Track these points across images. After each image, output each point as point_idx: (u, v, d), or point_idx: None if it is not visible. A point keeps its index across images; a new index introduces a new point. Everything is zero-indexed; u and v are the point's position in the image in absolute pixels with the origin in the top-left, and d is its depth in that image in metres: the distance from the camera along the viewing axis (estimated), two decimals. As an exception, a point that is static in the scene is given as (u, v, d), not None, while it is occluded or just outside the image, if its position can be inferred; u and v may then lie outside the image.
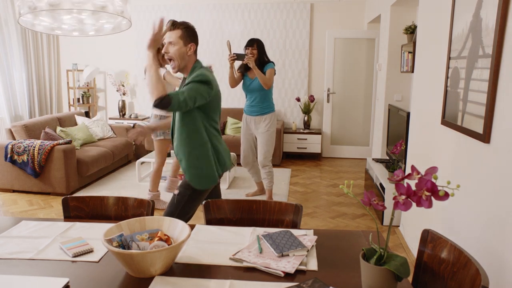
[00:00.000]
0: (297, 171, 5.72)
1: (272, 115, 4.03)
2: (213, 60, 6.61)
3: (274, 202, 1.97)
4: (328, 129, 6.51)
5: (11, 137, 4.74)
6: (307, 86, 6.52)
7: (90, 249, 1.57)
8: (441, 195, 1.12)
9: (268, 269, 1.42)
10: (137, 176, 4.92)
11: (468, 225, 2.17)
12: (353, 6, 6.27)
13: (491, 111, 1.92)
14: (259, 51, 3.90)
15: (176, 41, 2.15)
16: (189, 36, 2.18)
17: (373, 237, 1.81)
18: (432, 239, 1.50)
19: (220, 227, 1.80)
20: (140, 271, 1.36)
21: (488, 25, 1.97)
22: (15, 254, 1.53)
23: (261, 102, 3.98)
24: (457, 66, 2.37)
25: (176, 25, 2.16)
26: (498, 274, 1.83)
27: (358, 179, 5.38)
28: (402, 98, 4.75)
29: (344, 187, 1.23)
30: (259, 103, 3.98)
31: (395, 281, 1.21)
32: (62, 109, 7.11)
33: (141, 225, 1.56)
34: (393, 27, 4.63)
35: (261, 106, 3.99)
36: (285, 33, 6.39)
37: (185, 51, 2.17)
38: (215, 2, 6.46)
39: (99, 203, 2.03)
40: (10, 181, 4.55)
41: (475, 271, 1.26)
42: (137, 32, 6.67)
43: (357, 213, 4.10)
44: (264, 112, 4.00)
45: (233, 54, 3.80)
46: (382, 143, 4.94)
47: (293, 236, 1.65)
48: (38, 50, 6.46)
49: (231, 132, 6.16)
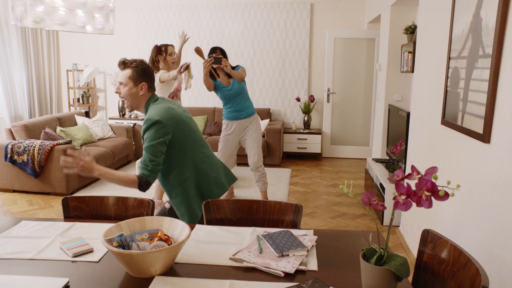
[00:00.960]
0: (297, 171, 5.72)
1: (254, 117, 3.99)
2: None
3: (274, 202, 1.97)
4: (328, 129, 6.51)
5: (11, 137, 4.74)
6: (307, 86, 6.52)
7: (90, 249, 1.57)
8: (441, 195, 1.12)
9: (268, 269, 1.42)
10: (137, 176, 4.92)
11: (468, 225, 2.17)
12: (353, 6, 6.28)
13: (491, 111, 1.92)
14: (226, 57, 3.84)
15: (126, 82, 2.09)
16: (139, 76, 2.10)
17: (373, 237, 1.81)
18: (432, 239, 1.50)
19: (220, 227, 1.80)
20: (140, 271, 1.36)
21: (488, 25, 1.97)
22: (15, 254, 1.53)
23: (245, 104, 3.92)
24: (457, 66, 2.37)
25: (126, 65, 2.11)
26: (498, 274, 1.83)
27: (358, 179, 5.38)
28: (402, 98, 4.75)
29: (344, 187, 1.23)
30: (244, 106, 3.92)
31: (395, 281, 1.21)
32: (62, 109, 7.11)
33: (141, 225, 1.56)
34: (393, 27, 4.63)
35: (247, 107, 3.94)
36: (285, 33, 6.39)
37: (135, 92, 2.10)
38: (215, 2, 6.46)
39: (99, 203, 2.03)
40: (10, 181, 4.55)
41: (475, 271, 1.26)
42: (137, 32, 6.67)
43: (357, 213, 4.10)
44: (251, 113, 3.96)
45: (211, 57, 3.62)
46: (382, 143, 4.94)
47: (293, 236, 1.65)
48: (38, 50, 6.46)
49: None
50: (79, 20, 2.32)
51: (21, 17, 2.23)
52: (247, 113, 3.93)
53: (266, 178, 4.10)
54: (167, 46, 3.91)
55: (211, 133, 6.17)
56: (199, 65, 6.43)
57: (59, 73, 6.98)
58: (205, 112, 6.41)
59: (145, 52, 6.70)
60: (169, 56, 3.90)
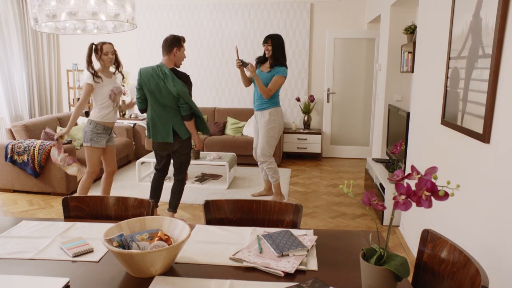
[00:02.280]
0: (297, 171, 5.72)
1: (272, 111, 3.99)
2: (213, 60, 6.62)
3: (274, 202, 1.97)
4: (328, 129, 6.51)
5: (11, 137, 4.75)
6: (307, 86, 6.52)
7: (90, 249, 1.57)
8: (441, 195, 1.12)
9: (268, 269, 1.42)
10: (137, 176, 4.93)
11: (468, 225, 2.18)
12: (353, 6, 6.28)
13: (491, 111, 1.92)
14: (274, 48, 3.89)
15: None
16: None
17: (373, 237, 1.81)
18: (432, 239, 1.51)
19: (220, 227, 1.80)
20: (140, 271, 1.36)
21: (488, 25, 1.97)
22: (15, 254, 1.53)
23: (261, 97, 3.99)
24: (457, 66, 2.37)
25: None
26: (498, 274, 1.83)
27: (358, 179, 5.38)
28: (402, 98, 4.75)
29: (344, 187, 1.24)
30: (260, 98, 4.00)
31: (395, 281, 1.21)
32: (62, 109, 7.11)
33: (141, 225, 1.57)
34: (393, 27, 4.63)
35: (261, 101, 4.00)
36: (285, 33, 6.39)
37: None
38: (215, 1, 6.47)
39: (99, 203, 2.03)
40: (10, 181, 4.56)
41: (475, 271, 1.26)
42: (137, 32, 6.67)
43: (357, 213, 4.10)
44: (263, 108, 4.01)
45: (239, 60, 3.84)
46: (382, 143, 4.94)
47: (293, 236, 1.66)
48: (38, 50, 6.46)
49: (231, 132, 6.16)
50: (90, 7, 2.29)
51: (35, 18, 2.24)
52: (260, 107, 4.04)
53: (273, 173, 4.13)
54: (103, 44, 3.53)
55: (211, 133, 6.18)
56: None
57: (59, 73, 6.98)
58: (205, 112, 6.41)
59: (145, 52, 6.71)
60: (105, 56, 3.53)
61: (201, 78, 6.70)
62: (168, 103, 3.35)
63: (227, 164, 4.72)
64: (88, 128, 3.50)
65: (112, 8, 2.36)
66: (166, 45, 3.36)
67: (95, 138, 3.50)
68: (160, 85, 3.32)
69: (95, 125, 3.50)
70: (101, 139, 3.54)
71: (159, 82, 3.32)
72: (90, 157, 3.56)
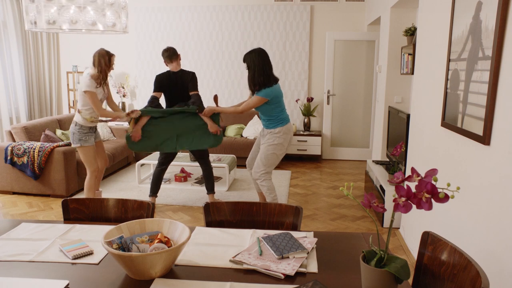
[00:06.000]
0: (297, 173, 5.72)
1: (273, 131, 3.68)
2: (213, 62, 6.62)
3: (274, 204, 1.97)
4: (328, 131, 6.51)
5: (11, 139, 4.74)
6: (307, 88, 6.52)
7: (90, 251, 1.57)
8: (441, 197, 1.12)
9: (268, 271, 1.42)
10: (137, 178, 4.92)
11: (469, 227, 2.17)
12: (353, 8, 6.29)
13: (491, 113, 1.92)
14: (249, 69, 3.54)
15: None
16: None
17: (373, 239, 1.80)
18: (432, 241, 1.50)
19: (220, 229, 1.80)
20: (140, 274, 1.35)
21: (487, 27, 1.97)
22: (15, 256, 1.53)
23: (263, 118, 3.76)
24: (457, 68, 2.37)
25: None
26: (498, 277, 1.83)
27: (358, 181, 5.38)
28: (402, 100, 4.75)
29: (344, 189, 1.23)
30: (262, 119, 3.78)
31: (395, 283, 1.21)
32: (62, 111, 7.11)
33: (141, 227, 1.56)
34: (393, 29, 4.63)
35: (264, 120, 3.78)
36: (285, 35, 6.40)
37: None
38: (215, 3, 6.48)
39: (99, 205, 2.03)
40: (10, 183, 4.55)
41: (475, 273, 1.26)
42: (137, 34, 6.68)
43: (357, 215, 4.10)
44: (267, 127, 3.76)
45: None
46: (382, 145, 4.94)
47: (293, 238, 1.65)
48: (38, 51, 6.47)
49: (232, 134, 6.15)
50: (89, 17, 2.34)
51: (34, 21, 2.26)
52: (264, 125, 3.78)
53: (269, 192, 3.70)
54: (112, 56, 3.59)
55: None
56: (201, 72, 6.44)
57: (59, 75, 6.98)
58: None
59: (145, 54, 6.71)
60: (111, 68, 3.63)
61: (201, 79, 6.70)
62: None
63: (227, 166, 4.72)
64: (75, 130, 3.66)
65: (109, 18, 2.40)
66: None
67: (83, 138, 3.67)
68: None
69: (80, 126, 3.66)
70: (89, 137, 3.71)
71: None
72: (86, 157, 3.71)
